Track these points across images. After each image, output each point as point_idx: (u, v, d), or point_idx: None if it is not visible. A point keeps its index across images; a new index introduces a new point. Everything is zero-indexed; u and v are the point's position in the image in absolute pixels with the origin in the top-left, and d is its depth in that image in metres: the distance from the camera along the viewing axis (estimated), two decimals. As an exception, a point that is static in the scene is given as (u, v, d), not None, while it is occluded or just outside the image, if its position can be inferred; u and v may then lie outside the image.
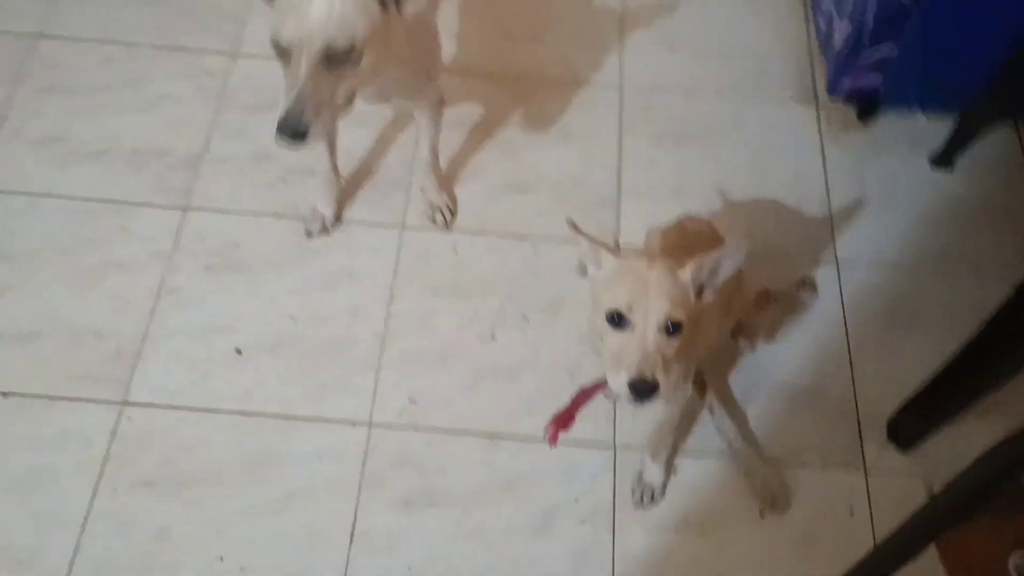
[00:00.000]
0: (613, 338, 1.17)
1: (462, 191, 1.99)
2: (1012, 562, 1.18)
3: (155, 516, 1.61)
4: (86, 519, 1.60)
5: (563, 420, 1.39)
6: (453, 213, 1.95)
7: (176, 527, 1.61)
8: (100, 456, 1.66)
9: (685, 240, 1.51)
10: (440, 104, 1.80)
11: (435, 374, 1.78)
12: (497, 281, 1.89)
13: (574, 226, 1.22)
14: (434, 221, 1.94)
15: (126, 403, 1.71)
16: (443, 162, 1.97)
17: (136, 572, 1.56)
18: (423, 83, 1.64)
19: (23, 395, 1.71)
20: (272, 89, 1.38)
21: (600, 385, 1.35)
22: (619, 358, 1.16)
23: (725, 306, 1.52)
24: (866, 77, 1.99)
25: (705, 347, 1.51)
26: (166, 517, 1.61)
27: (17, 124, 2.02)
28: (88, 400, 1.71)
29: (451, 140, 2.04)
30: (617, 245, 1.32)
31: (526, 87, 2.17)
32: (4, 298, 1.81)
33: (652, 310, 1.16)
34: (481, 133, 2.09)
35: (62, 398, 1.71)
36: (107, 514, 1.61)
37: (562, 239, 1.93)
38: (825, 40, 2.11)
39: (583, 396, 1.38)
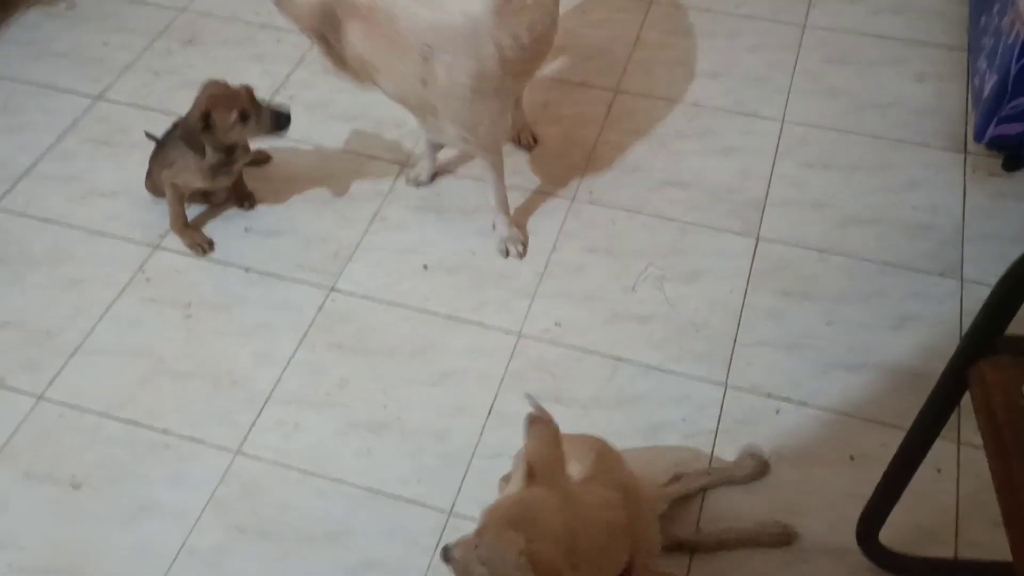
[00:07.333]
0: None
1: (631, 178, 2.36)
2: None
3: (340, 369, 2.02)
4: (288, 362, 2.03)
5: None
6: (524, 246, 2.22)
7: (354, 380, 2.00)
8: (307, 322, 2.10)
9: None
10: (496, 164, 2.14)
11: (579, 309, 2.11)
12: (645, 250, 2.21)
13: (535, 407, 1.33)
14: (506, 255, 2.21)
15: (334, 289, 2.16)
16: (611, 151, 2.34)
17: (319, 405, 1.96)
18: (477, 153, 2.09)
19: (259, 272, 2.20)
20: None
21: None
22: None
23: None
24: (1009, 125, 2.20)
25: None
26: (348, 371, 2.01)
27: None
28: (306, 283, 2.17)
29: (639, 132, 2.43)
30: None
31: (699, 111, 2.53)
32: (264, 205, 2.34)
33: None
34: (655, 140, 2.46)
35: (290, 278, 2.18)
36: (305, 362, 2.03)
37: (710, 228, 2.24)
38: (977, 95, 2.34)
39: None
